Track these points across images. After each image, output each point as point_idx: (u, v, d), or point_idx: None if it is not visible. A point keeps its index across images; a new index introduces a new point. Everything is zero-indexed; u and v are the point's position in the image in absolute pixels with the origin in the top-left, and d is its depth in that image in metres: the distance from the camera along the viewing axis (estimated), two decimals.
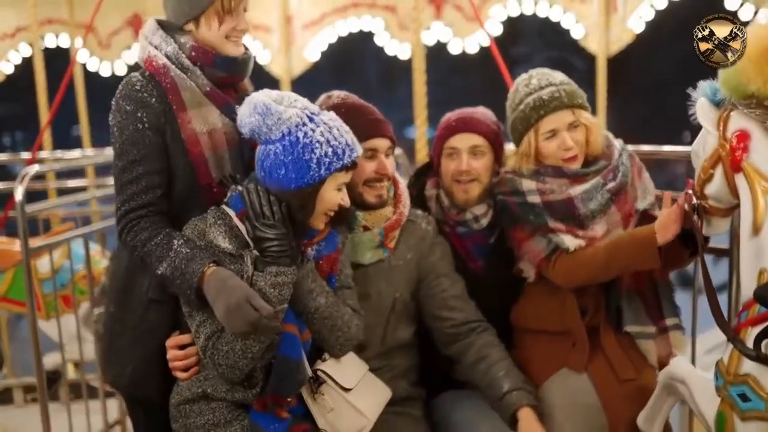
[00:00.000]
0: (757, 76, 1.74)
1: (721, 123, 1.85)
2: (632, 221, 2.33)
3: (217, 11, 1.97)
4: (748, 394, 1.72)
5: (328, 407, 1.99)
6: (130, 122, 1.98)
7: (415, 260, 2.28)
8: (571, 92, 2.28)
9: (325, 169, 1.87)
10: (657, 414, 2.17)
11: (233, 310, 1.78)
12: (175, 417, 2.03)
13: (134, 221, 1.97)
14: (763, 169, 1.74)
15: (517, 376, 2.20)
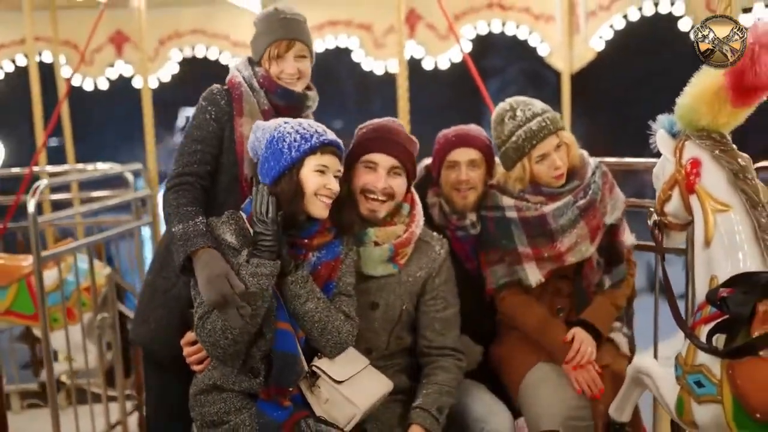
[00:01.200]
0: (707, 113, 2.01)
1: (677, 151, 2.12)
2: (599, 233, 2.61)
3: (269, 57, 2.44)
4: (702, 381, 1.97)
5: (324, 398, 2.20)
6: (201, 113, 2.45)
7: (423, 278, 2.45)
8: (554, 119, 2.56)
9: (296, 151, 2.16)
10: (626, 403, 2.45)
11: (212, 281, 2.06)
12: (193, 406, 2.25)
13: (182, 185, 2.35)
14: (712, 191, 2.01)
15: (435, 399, 2.36)
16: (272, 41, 2.44)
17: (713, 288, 1.96)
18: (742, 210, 1.95)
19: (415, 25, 5.99)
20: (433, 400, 2.34)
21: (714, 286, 1.96)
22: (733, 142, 2.07)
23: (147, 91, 4.73)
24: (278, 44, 2.43)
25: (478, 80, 4.10)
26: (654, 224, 2.25)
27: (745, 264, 1.93)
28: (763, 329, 1.80)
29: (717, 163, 2.00)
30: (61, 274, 3.68)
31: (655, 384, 2.24)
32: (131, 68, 6.41)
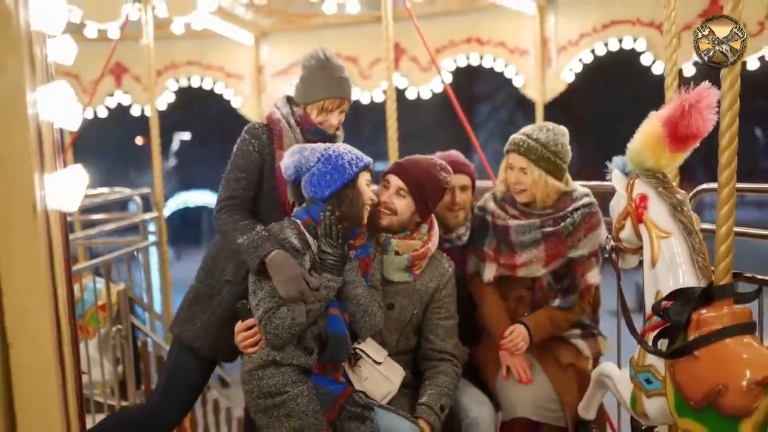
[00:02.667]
0: (651, 157, 2.39)
1: (629, 188, 2.49)
2: (556, 262, 2.91)
3: (318, 107, 2.76)
4: (650, 378, 2.35)
5: (364, 376, 2.62)
6: (244, 145, 2.78)
7: (432, 288, 2.80)
8: (532, 148, 2.86)
9: (355, 166, 2.59)
10: (592, 403, 2.84)
11: (291, 279, 2.46)
12: (248, 381, 2.57)
13: (231, 206, 2.72)
14: (657, 221, 2.37)
15: (438, 398, 2.68)
16: (328, 97, 2.75)
17: (657, 301, 2.34)
18: (680, 236, 2.32)
19: (399, 58, 6.37)
20: (436, 400, 2.68)
21: (658, 300, 2.34)
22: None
23: (155, 120, 5.06)
24: (332, 102, 2.76)
25: (458, 108, 4.43)
26: (611, 249, 2.64)
27: (683, 280, 2.29)
28: (697, 333, 2.19)
29: (660, 198, 2.38)
30: (80, 293, 3.99)
31: (615, 384, 2.62)
32: (129, 98, 6.76)
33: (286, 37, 6.75)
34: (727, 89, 2.17)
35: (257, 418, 2.58)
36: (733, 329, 2.16)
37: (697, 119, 2.25)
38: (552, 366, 2.89)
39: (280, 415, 2.50)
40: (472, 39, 6.35)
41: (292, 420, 2.48)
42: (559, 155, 2.89)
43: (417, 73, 6.45)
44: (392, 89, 4.50)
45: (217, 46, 6.73)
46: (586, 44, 5.98)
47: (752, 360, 2.06)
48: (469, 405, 2.79)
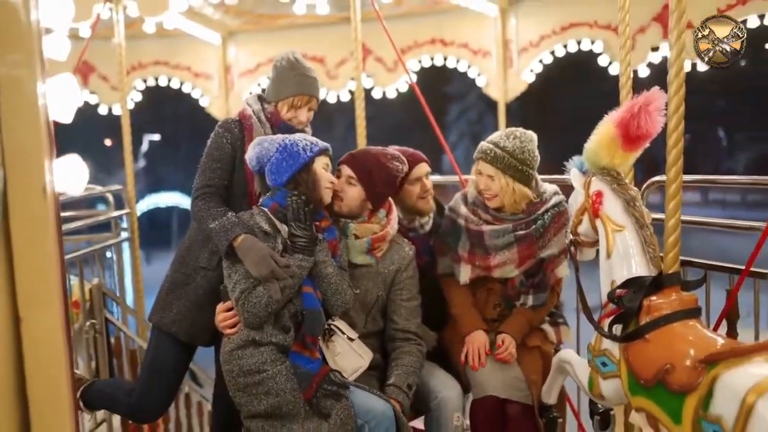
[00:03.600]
0: (605, 156, 2.56)
1: (586, 185, 2.66)
2: (529, 262, 3.03)
3: (287, 104, 2.96)
4: (606, 361, 2.52)
5: (337, 351, 2.76)
6: (218, 137, 2.96)
7: (394, 271, 2.97)
8: (498, 157, 2.95)
9: (309, 151, 2.76)
10: (553, 387, 3.02)
11: (261, 259, 2.63)
12: (228, 360, 2.71)
13: (207, 194, 2.88)
14: (612, 216, 2.55)
15: (405, 378, 2.85)
16: (296, 94, 2.95)
17: (612, 289, 2.52)
18: (633, 230, 2.50)
19: (365, 59, 6.48)
20: (404, 380, 2.85)
21: (613, 288, 2.52)
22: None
23: (126, 120, 5.12)
24: (301, 98, 2.95)
25: (426, 108, 4.56)
26: (570, 243, 2.83)
27: (635, 270, 2.47)
28: (648, 318, 2.37)
29: (615, 194, 2.55)
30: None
31: (574, 369, 2.79)
32: (96, 97, 6.79)
33: (252, 37, 6.85)
34: (673, 93, 2.34)
35: (237, 396, 2.71)
36: (680, 314, 2.34)
37: (646, 121, 2.42)
38: (519, 347, 3.05)
39: (259, 393, 2.63)
40: (436, 40, 6.54)
41: (271, 398, 2.61)
42: (526, 162, 2.97)
43: (383, 73, 6.61)
44: (361, 89, 4.62)
45: (184, 45, 6.80)
46: (546, 45, 6.21)
47: (696, 341, 2.24)
48: (437, 387, 2.95)
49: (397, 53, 5.07)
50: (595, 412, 3.09)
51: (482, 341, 3.03)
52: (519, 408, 2.97)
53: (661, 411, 2.27)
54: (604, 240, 2.59)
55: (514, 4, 6.32)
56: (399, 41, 6.34)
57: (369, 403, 2.66)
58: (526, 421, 2.97)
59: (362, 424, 2.62)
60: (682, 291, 2.42)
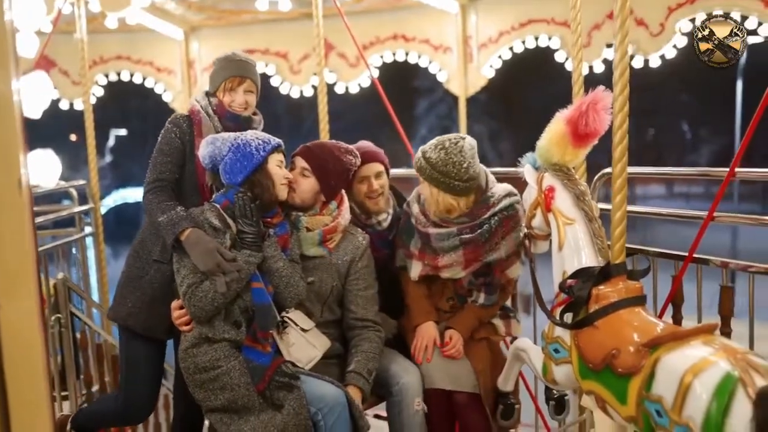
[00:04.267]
0: (557, 153, 2.68)
1: (538, 181, 2.79)
2: (475, 265, 3.08)
3: (223, 89, 3.07)
4: (558, 348, 2.65)
5: (291, 342, 2.85)
6: (168, 133, 3.03)
7: (349, 261, 3.04)
8: (422, 167, 2.99)
9: (263, 151, 2.83)
10: (510, 375, 3.15)
11: (206, 253, 2.70)
12: (184, 358, 2.79)
13: (157, 188, 2.95)
14: (563, 210, 2.68)
15: (365, 364, 2.94)
16: (227, 77, 3.08)
17: (563, 279, 2.65)
18: (583, 223, 2.64)
19: (327, 54, 6.55)
20: (363, 365, 2.96)
21: (564, 278, 2.66)
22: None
23: (89, 115, 5.12)
24: (232, 80, 3.07)
25: (386, 102, 4.61)
26: (524, 236, 2.95)
27: (585, 261, 2.61)
28: (597, 306, 2.51)
29: (566, 189, 2.69)
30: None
31: (529, 356, 2.93)
32: (57, 92, 6.74)
33: (216, 32, 6.86)
34: (618, 93, 2.47)
35: (195, 392, 2.79)
36: (626, 301, 2.48)
37: (594, 119, 2.55)
38: (467, 340, 3.17)
39: (215, 388, 2.73)
40: (398, 36, 6.58)
41: (227, 392, 2.71)
42: (449, 175, 2.94)
43: (345, 68, 6.65)
44: (323, 85, 4.68)
45: (147, 40, 6.78)
46: (505, 42, 6.31)
47: (640, 326, 2.38)
48: (398, 373, 3.06)
49: (358, 49, 5.17)
50: (551, 398, 3.25)
51: (431, 334, 3.13)
52: (466, 397, 3.09)
53: (608, 393, 2.40)
54: (556, 233, 2.72)
55: (474, 1, 6.39)
56: (361, 37, 6.43)
57: (321, 390, 2.76)
58: (473, 410, 3.09)
59: (315, 412, 2.72)
60: (628, 280, 2.55)
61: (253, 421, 2.68)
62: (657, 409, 2.17)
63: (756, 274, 2.84)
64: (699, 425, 2.00)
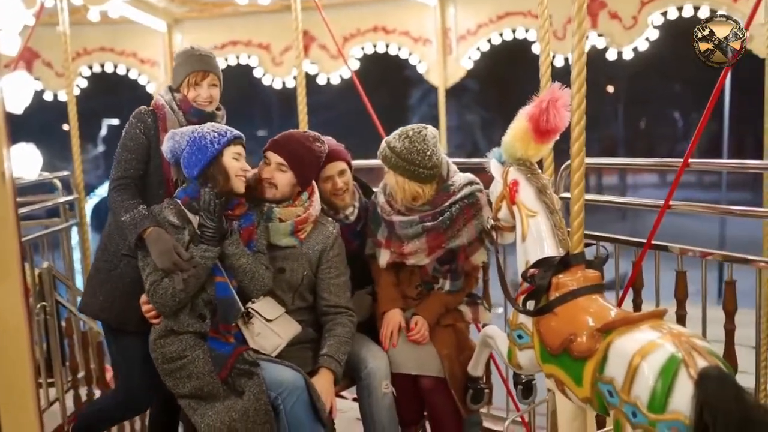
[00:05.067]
0: (520, 148, 2.78)
1: (504, 175, 2.89)
2: (438, 252, 3.20)
3: (187, 84, 3.13)
4: (522, 334, 2.77)
5: (256, 332, 2.96)
6: (132, 128, 3.07)
7: (320, 250, 3.13)
8: (387, 156, 3.11)
9: (217, 144, 2.88)
10: (479, 361, 3.28)
11: (164, 252, 2.79)
12: (154, 348, 2.92)
13: (122, 186, 2.99)
14: (526, 203, 2.78)
15: (337, 348, 3.05)
16: (191, 71, 3.13)
17: (525, 269, 2.78)
18: (544, 215, 2.75)
19: (309, 46, 6.69)
20: (336, 349, 3.08)
21: (526, 268, 2.78)
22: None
23: (72, 105, 5.20)
24: (196, 74, 3.13)
25: (362, 93, 4.62)
26: (491, 227, 3.08)
27: (546, 251, 2.72)
28: (557, 294, 2.62)
29: (529, 183, 2.79)
30: None
31: (496, 342, 3.05)
32: (41, 83, 6.81)
33: (198, 24, 6.95)
34: (576, 91, 2.59)
35: (165, 381, 2.93)
36: (585, 289, 2.60)
37: (554, 116, 2.66)
38: (433, 326, 3.30)
39: (182, 376, 2.86)
40: (378, 28, 6.73)
41: (193, 380, 2.84)
42: (414, 162, 3.07)
43: (326, 60, 6.80)
44: (302, 78, 4.78)
45: (130, 32, 6.86)
46: (483, 34, 6.50)
47: (595, 312, 2.50)
48: (366, 358, 3.20)
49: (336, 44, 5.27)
50: (519, 383, 3.38)
51: (396, 321, 3.25)
52: (431, 381, 3.23)
53: (566, 375, 2.53)
54: (520, 224, 2.83)
55: None
56: (342, 29, 6.58)
57: (281, 376, 2.88)
58: (438, 393, 3.24)
59: (276, 396, 2.85)
60: (586, 269, 2.69)
61: (217, 407, 2.81)
62: (609, 389, 2.29)
63: (713, 261, 2.99)
64: (645, 403, 2.13)
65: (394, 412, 3.20)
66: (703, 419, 2.01)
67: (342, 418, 4.06)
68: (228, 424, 2.76)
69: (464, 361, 3.30)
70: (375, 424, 3.19)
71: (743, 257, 2.90)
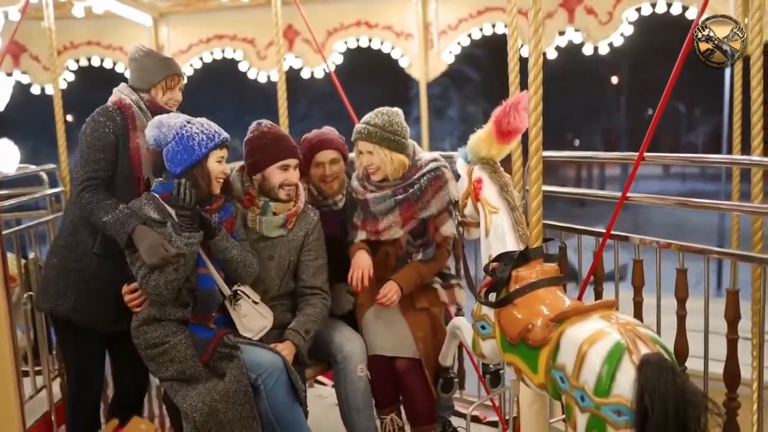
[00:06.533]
0: (484, 148, 2.91)
1: (469, 173, 3.03)
2: (411, 223, 3.39)
3: (163, 87, 3.21)
4: (485, 325, 2.91)
5: (243, 314, 3.12)
6: (100, 127, 3.07)
7: (303, 236, 3.34)
8: (372, 133, 3.34)
9: (204, 147, 2.95)
10: (449, 351, 3.43)
11: (151, 248, 2.85)
12: (136, 335, 3.04)
13: (93, 186, 3.01)
14: (489, 200, 2.91)
15: (303, 324, 3.23)
16: (168, 75, 3.23)
17: (487, 263, 2.92)
18: (506, 212, 2.88)
19: (293, 40, 6.80)
20: (302, 325, 3.25)
21: (488, 262, 2.92)
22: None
23: (58, 99, 5.27)
24: (173, 78, 3.25)
25: (340, 89, 4.73)
26: (458, 223, 3.22)
27: (508, 246, 2.86)
28: (516, 287, 2.77)
29: (492, 181, 2.92)
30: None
31: (462, 333, 3.20)
32: (28, 77, 6.89)
33: (184, 19, 7.02)
34: (533, 93, 2.70)
35: (149, 365, 3.07)
36: (542, 282, 2.74)
37: (515, 118, 2.80)
38: (408, 307, 3.46)
39: (165, 361, 3.00)
40: (361, 22, 6.80)
41: (175, 364, 2.98)
42: (397, 133, 3.37)
43: (310, 54, 6.86)
44: (282, 72, 4.94)
45: (116, 25, 6.91)
46: (463, 28, 6.60)
47: (550, 303, 2.65)
48: (341, 342, 3.37)
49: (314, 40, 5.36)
50: (487, 372, 3.54)
51: (365, 263, 3.38)
52: (406, 363, 3.39)
53: (523, 364, 2.68)
54: (484, 221, 2.97)
55: None
56: (326, 23, 6.68)
57: (260, 358, 3.03)
58: (413, 374, 3.40)
59: (256, 378, 2.99)
60: (544, 263, 2.83)
61: (199, 389, 2.95)
62: (561, 376, 2.44)
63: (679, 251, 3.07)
64: (592, 388, 2.28)
65: (369, 394, 3.36)
66: (644, 402, 2.15)
67: (321, 404, 4.25)
68: (209, 405, 2.89)
69: (438, 344, 3.46)
70: (350, 407, 3.36)
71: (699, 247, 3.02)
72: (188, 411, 2.90)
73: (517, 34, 3.47)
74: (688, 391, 2.18)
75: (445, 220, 3.44)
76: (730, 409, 2.95)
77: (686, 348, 3.00)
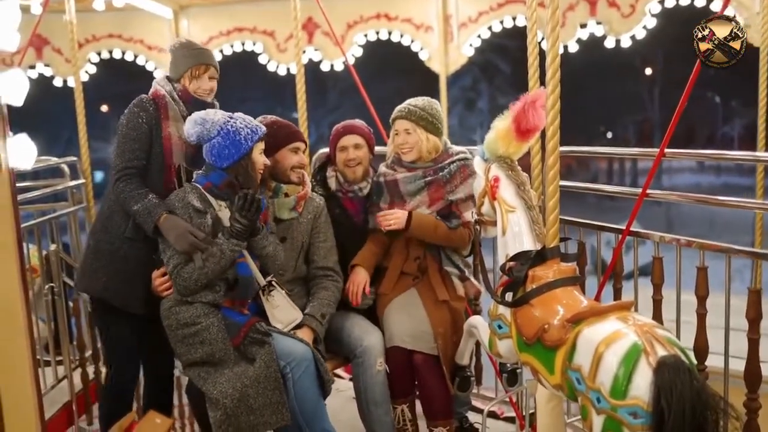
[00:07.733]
0: (502, 146, 2.89)
1: (486, 172, 3.01)
2: (438, 204, 3.48)
3: (189, 76, 3.28)
4: (501, 324, 2.90)
5: (276, 304, 3.18)
6: (134, 117, 3.17)
7: (312, 219, 3.43)
8: (412, 111, 3.47)
9: (250, 140, 3.06)
10: (465, 350, 3.42)
11: (180, 235, 2.96)
12: (167, 316, 3.08)
13: (128, 175, 3.13)
14: (506, 198, 2.89)
15: (318, 309, 3.30)
16: (193, 65, 3.29)
17: (504, 263, 2.91)
18: (523, 211, 2.86)
19: (313, 32, 6.80)
20: (318, 310, 3.31)
21: (505, 261, 2.91)
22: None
23: (79, 92, 5.34)
24: (198, 67, 3.29)
25: (358, 82, 4.73)
26: (475, 221, 3.21)
27: (525, 246, 2.84)
28: (532, 286, 2.76)
29: (509, 180, 2.90)
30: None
31: (479, 332, 3.18)
32: (51, 69, 6.96)
33: (204, 11, 7.04)
34: (551, 92, 2.69)
35: (177, 347, 3.09)
36: (559, 282, 2.73)
37: (534, 116, 2.78)
38: (429, 302, 3.47)
39: (195, 342, 3.02)
40: (381, 15, 6.80)
41: (205, 346, 3.00)
42: (435, 116, 3.51)
43: (330, 46, 6.86)
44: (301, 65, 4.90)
45: (137, 18, 6.96)
46: (484, 21, 6.58)
47: (567, 304, 2.63)
48: (361, 336, 3.39)
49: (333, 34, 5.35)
50: (504, 371, 3.53)
51: (362, 280, 3.46)
52: (424, 357, 3.39)
53: (539, 364, 2.67)
54: (500, 219, 2.95)
55: None
56: (346, 16, 6.67)
57: (290, 347, 3.07)
58: (430, 370, 3.40)
59: (284, 365, 3.02)
60: (561, 262, 2.81)
61: (227, 374, 2.96)
62: (577, 377, 2.43)
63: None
64: (608, 389, 2.27)
65: (386, 388, 3.38)
66: (660, 404, 2.14)
67: (338, 397, 4.26)
68: (240, 390, 2.91)
69: (458, 341, 3.46)
70: (368, 400, 3.38)
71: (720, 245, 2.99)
72: (219, 397, 2.90)
73: (536, 27, 3.42)
74: (705, 393, 2.16)
75: (470, 207, 3.48)
76: (751, 409, 2.93)
77: (706, 346, 2.98)
